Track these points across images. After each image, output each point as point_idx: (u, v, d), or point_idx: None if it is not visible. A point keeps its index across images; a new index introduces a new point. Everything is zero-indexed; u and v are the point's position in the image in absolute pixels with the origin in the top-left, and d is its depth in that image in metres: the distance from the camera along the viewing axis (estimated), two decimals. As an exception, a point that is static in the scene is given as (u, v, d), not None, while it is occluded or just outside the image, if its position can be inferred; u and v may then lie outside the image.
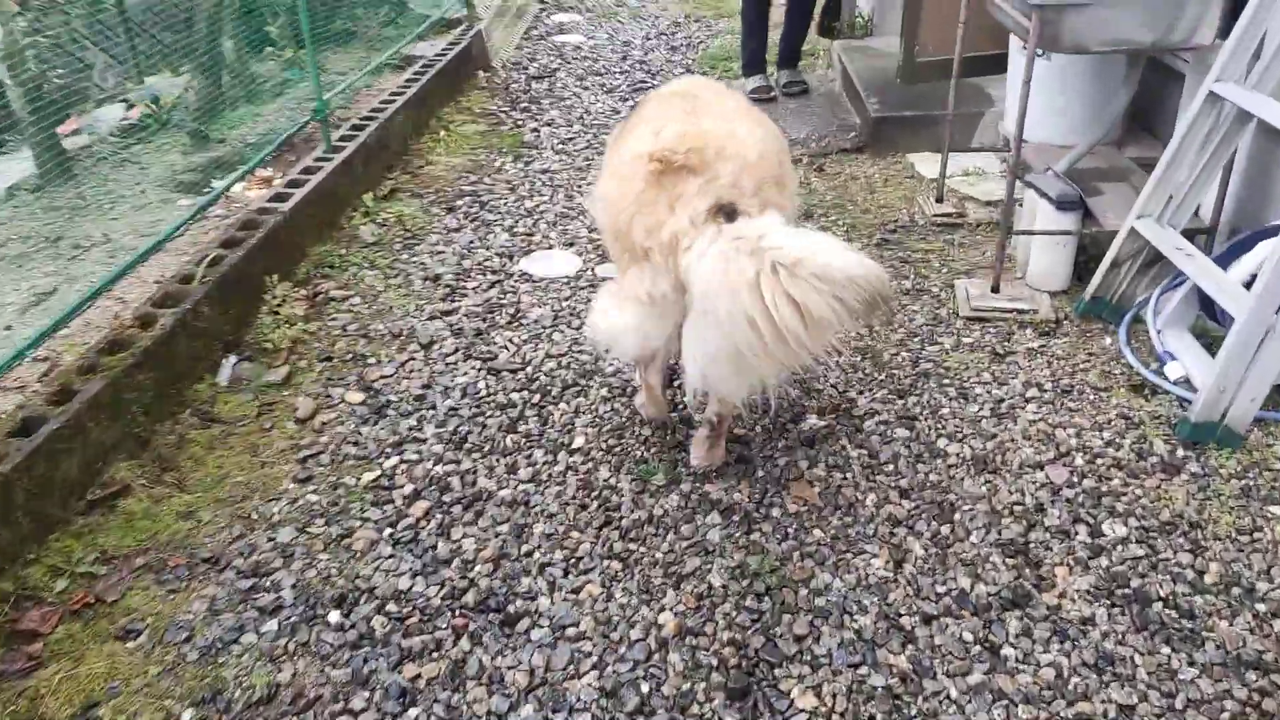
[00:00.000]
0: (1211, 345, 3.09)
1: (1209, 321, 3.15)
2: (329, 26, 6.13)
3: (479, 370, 3.18)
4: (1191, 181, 3.05)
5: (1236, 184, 3.21)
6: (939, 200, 4.14)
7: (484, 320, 3.47)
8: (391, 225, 4.12)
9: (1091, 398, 2.97)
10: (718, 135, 2.33)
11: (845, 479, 2.69)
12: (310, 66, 4.09)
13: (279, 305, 3.40)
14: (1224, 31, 3.09)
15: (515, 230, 4.12)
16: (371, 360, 3.23)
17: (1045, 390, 3.01)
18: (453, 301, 3.58)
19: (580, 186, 4.53)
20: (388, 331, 3.39)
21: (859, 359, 3.21)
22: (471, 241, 4.02)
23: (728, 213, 2.21)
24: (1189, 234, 3.13)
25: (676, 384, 3.03)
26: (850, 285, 2.10)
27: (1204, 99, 2.93)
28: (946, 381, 3.08)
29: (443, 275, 3.75)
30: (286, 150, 4.54)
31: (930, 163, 4.58)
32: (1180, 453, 2.73)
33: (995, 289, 3.47)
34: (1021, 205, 3.65)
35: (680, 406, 2.98)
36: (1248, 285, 2.79)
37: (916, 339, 3.31)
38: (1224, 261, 2.97)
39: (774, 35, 5.51)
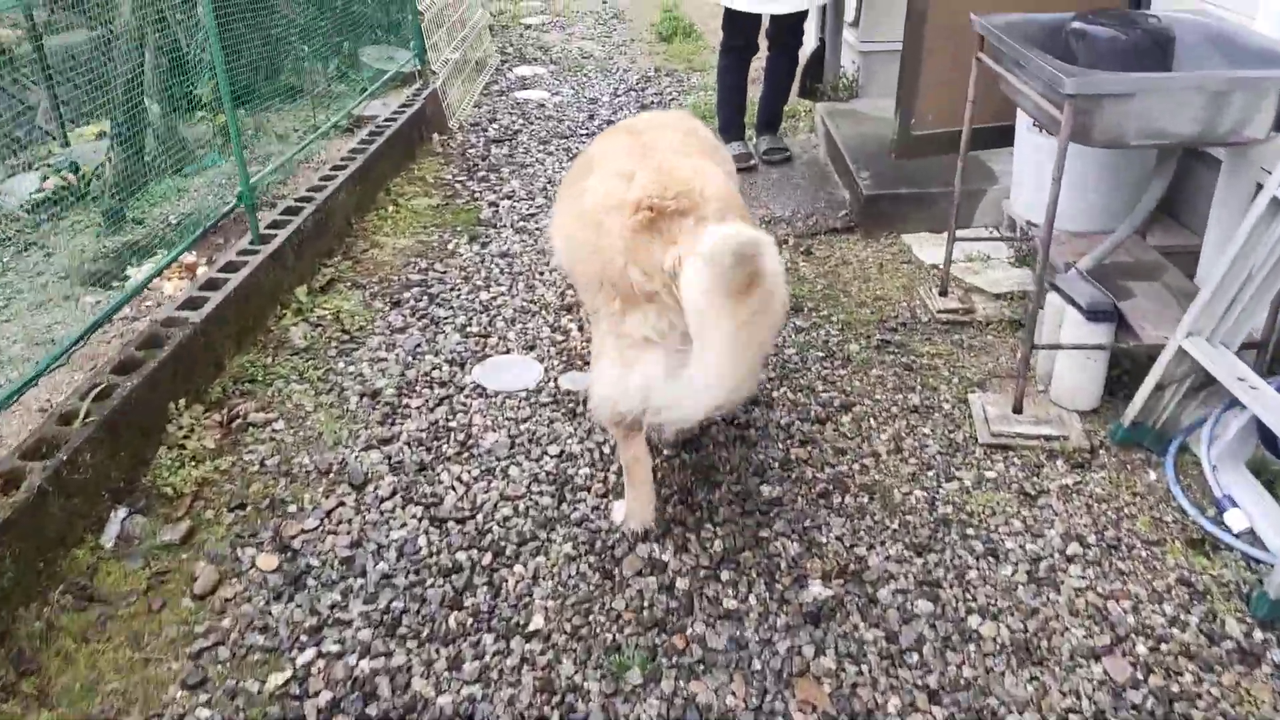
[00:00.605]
0: (1274, 484, 2.67)
1: (1269, 453, 2.72)
2: (273, 83, 5.66)
3: (420, 520, 2.69)
4: (1250, 297, 2.63)
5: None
6: (943, 293, 3.71)
7: (428, 450, 2.97)
8: (327, 325, 3.62)
9: (1144, 555, 2.52)
10: (695, 174, 2.39)
11: (860, 673, 2.22)
12: (234, 147, 3.59)
13: (184, 438, 2.89)
14: (1281, 124, 2.69)
15: (468, 330, 3.63)
16: (292, 507, 2.73)
17: (1089, 546, 2.55)
18: (393, 425, 3.08)
19: (542, 272, 4.06)
20: (314, 467, 2.88)
21: (866, 500, 2.75)
22: (418, 345, 3.52)
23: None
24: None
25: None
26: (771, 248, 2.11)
27: (1266, 206, 2.52)
28: (971, 531, 2.62)
29: (383, 390, 3.25)
30: (214, 231, 4.04)
31: (929, 245, 4.15)
32: (1259, 635, 2.28)
33: (1017, 409, 3.02)
34: (1043, 308, 3.22)
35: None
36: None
37: (931, 472, 2.85)
38: (1290, 391, 2.55)
39: (752, 90, 5.10)
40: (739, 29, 4.78)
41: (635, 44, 7.76)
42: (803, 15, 4.74)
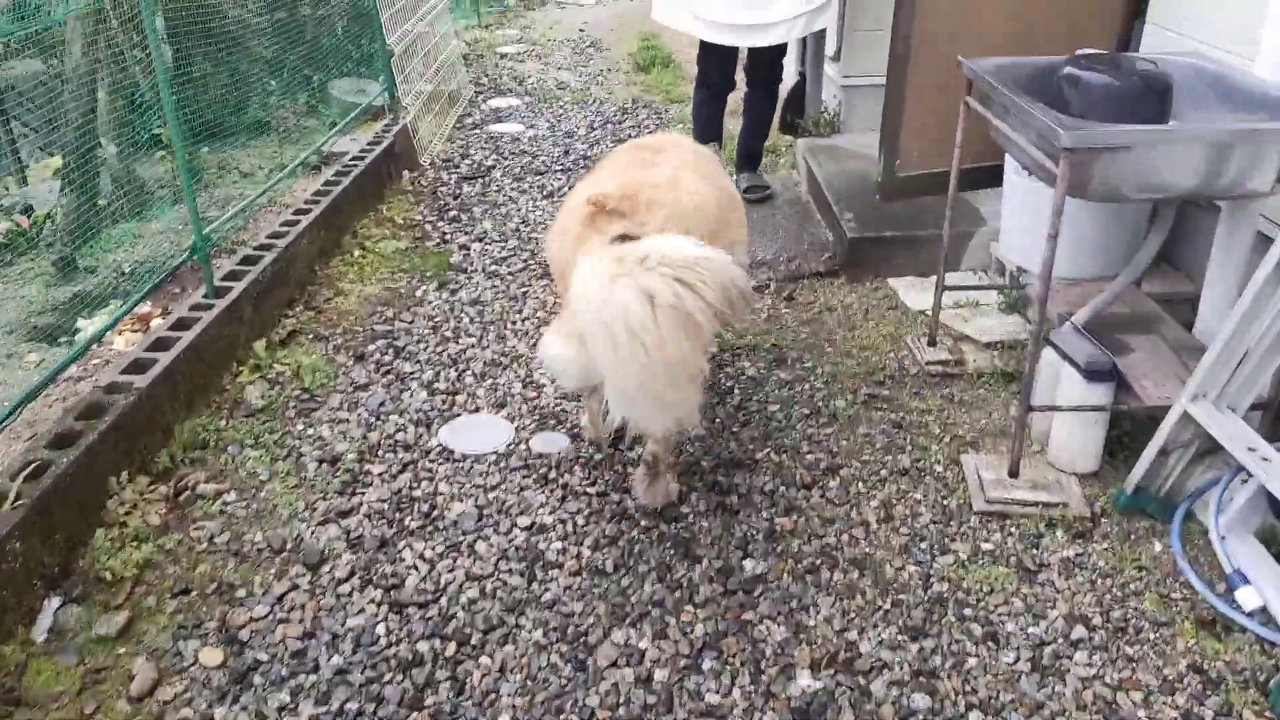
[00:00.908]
0: (1286, 556, 2.53)
1: (1279, 522, 2.58)
2: (239, 118, 5.48)
3: (379, 605, 2.50)
4: (1258, 359, 2.49)
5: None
6: (931, 343, 3.56)
7: (390, 523, 2.79)
8: (287, 382, 3.43)
9: (1153, 638, 2.36)
10: (656, 186, 2.50)
11: (854, 781, 2.05)
12: (187, 196, 3.41)
13: (126, 515, 2.70)
14: (1288, 177, 2.56)
15: (436, 386, 3.45)
16: (241, 592, 2.53)
17: (1094, 629, 2.39)
18: (353, 495, 2.90)
19: (514, 321, 3.89)
20: (266, 545, 2.69)
21: (856, 575, 2.58)
22: (382, 403, 3.34)
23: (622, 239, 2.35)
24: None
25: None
26: (694, 268, 2.13)
27: (1275, 266, 2.38)
28: (969, 612, 2.46)
29: (343, 455, 3.07)
30: (172, 279, 3.85)
31: (915, 290, 4.01)
32: (1280, 731, 2.13)
33: (1013, 473, 2.87)
34: (1038, 362, 3.07)
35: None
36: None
37: (924, 543, 2.69)
38: (1302, 460, 2.40)
39: (732, 125, 4.96)
40: (714, 62, 4.64)
41: (612, 74, 7.63)
42: (781, 49, 4.60)
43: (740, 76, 4.79)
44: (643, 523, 2.78)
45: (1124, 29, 3.76)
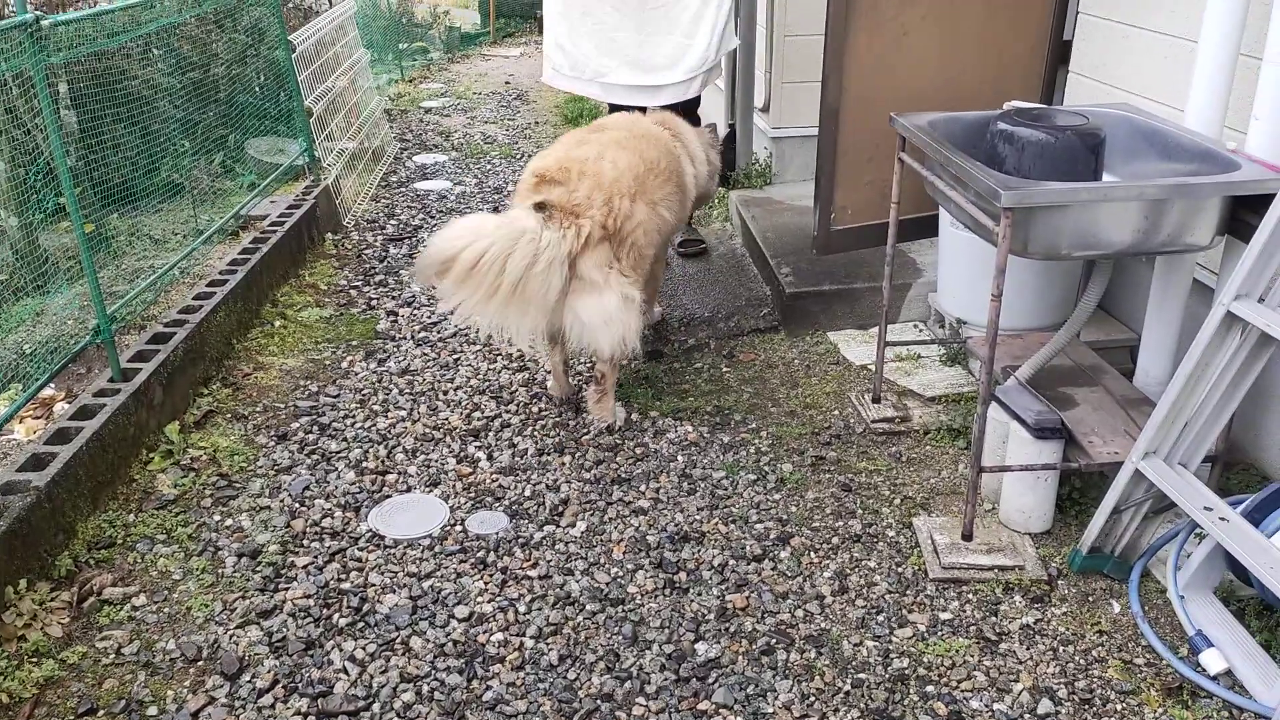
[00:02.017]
0: (1245, 612, 2.48)
1: (1236, 578, 2.53)
2: (151, 181, 5.26)
3: (306, 716, 2.30)
4: (1207, 415, 2.45)
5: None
6: (876, 400, 3.49)
7: (317, 622, 2.60)
8: (202, 468, 3.23)
9: (1119, 709, 2.28)
10: (585, 160, 3.22)
11: None
12: (87, 272, 3.20)
13: (25, 628, 2.47)
14: (1226, 228, 2.55)
15: (364, 465, 3.27)
16: (152, 709, 2.32)
17: (1060, 700, 2.31)
18: (275, 592, 2.70)
19: (446, 391, 3.73)
20: (180, 654, 2.48)
21: (814, 654, 2.46)
22: (307, 487, 3.15)
23: (537, 205, 3.07)
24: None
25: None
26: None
27: (1220, 320, 2.35)
28: (931, 689, 2.35)
29: (265, 547, 2.87)
30: (76, 360, 3.62)
31: (856, 344, 3.96)
32: (1257, 807, 2.05)
33: (967, 535, 2.79)
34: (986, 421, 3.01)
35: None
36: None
37: (881, 616, 2.59)
38: (1254, 519, 2.36)
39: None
40: None
41: (540, 127, 7.56)
42: (691, 104, 4.56)
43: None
44: (589, 607, 2.64)
45: (1049, 78, 3.79)
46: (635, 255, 3.22)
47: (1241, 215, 2.52)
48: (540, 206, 3.04)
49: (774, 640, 2.52)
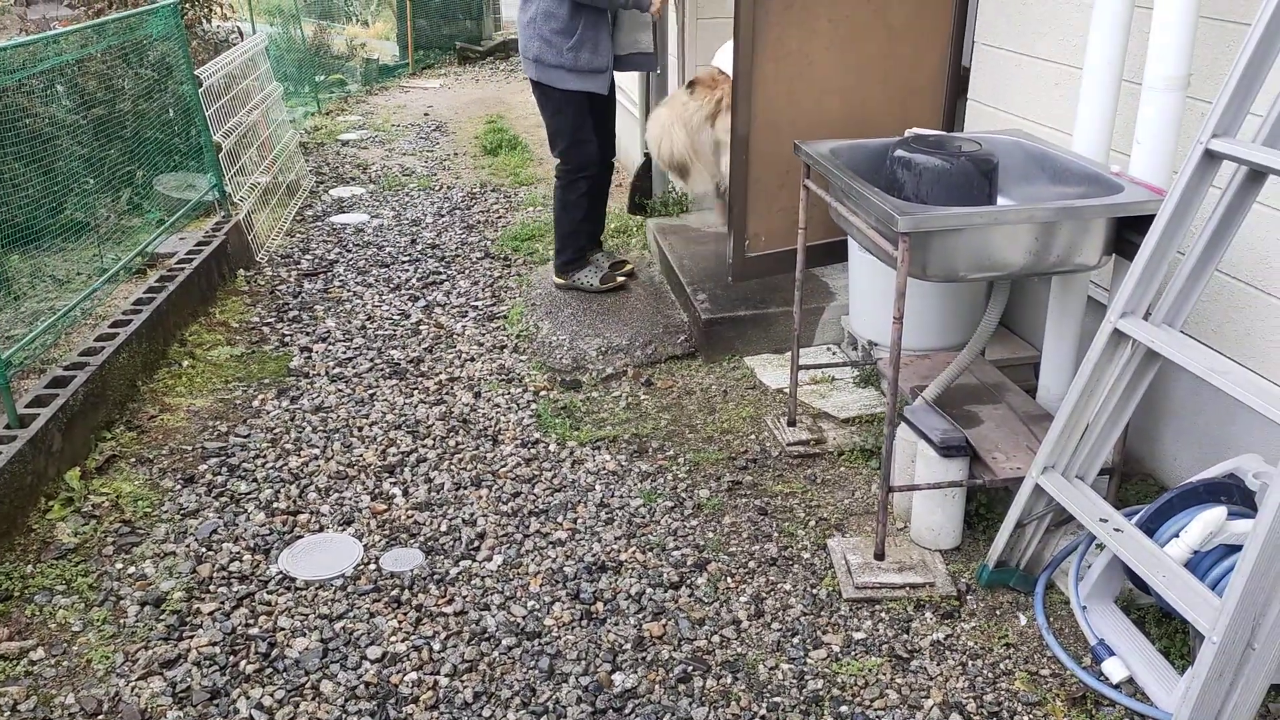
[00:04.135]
0: (1145, 621, 2.55)
1: (1135, 587, 2.61)
2: (55, 219, 5.11)
3: (210, 768, 2.24)
4: (1101, 428, 2.53)
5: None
6: (791, 423, 3.53)
7: (223, 670, 2.52)
8: (104, 515, 3.13)
9: (1027, 721, 2.33)
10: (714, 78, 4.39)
11: None
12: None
13: (-92, 690, 2.36)
14: (1113, 248, 2.65)
15: (275, 506, 3.20)
16: (47, 770, 2.23)
17: (969, 715, 2.34)
18: (180, 640, 2.62)
19: (361, 427, 3.68)
20: (79, 709, 2.39)
21: (730, 680, 2.47)
22: (214, 530, 3.07)
23: (689, 83, 4.51)
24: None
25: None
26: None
27: (1108, 337, 2.43)
28: (845, 710, 2.37)
29: (169, 594, 2.79)
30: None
31: (772, 368, 4.00)
32: (1158, 811, 2.10)
33: (879, 555, 2.84)
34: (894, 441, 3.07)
35: None
36: (1189, 566, 2.27)
37: (796, 638, 2.61)
38: (1149, 529, 2.44)
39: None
40: None
41: (459, 158, 7.54)
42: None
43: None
44: (505, 641, 2.61)
45: (949, 106, 3.91)
46: None
47: (1126, 235, 2.62)
48: (691, 84, 4.41)
49: (691, 667, 2.52)
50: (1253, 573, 1.96)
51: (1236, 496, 2.42)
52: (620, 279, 4.66)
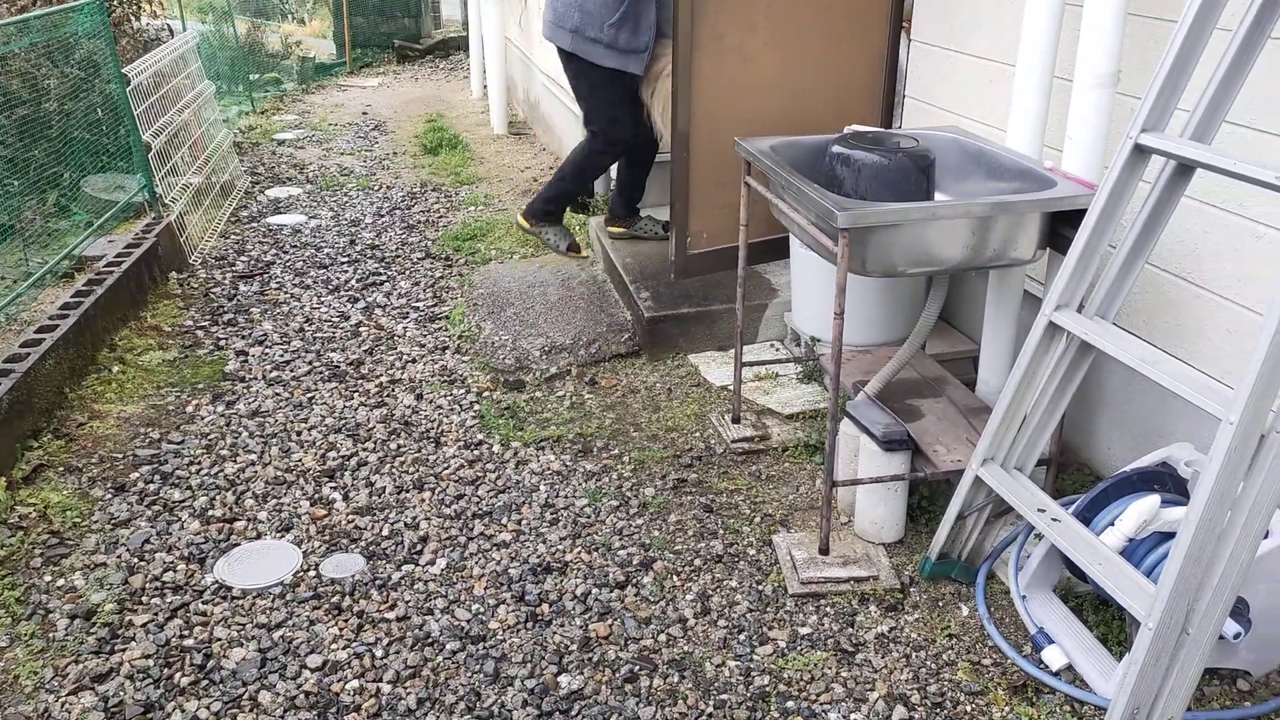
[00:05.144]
0: (1083, 608, 2.60)
1: (1073, 576, 2.65)
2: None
3: (144, 785, 2.17)
4: (1038, 420, 2.57)
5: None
6: (736, 420, 3.54)
7: (157, 683, 2.45)
8: (31, 527, 3.02)
9: (969, 710, 2.35)
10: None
11: None
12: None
13: None
14: (1047, 242, 2.69)
15: (210, 514, 3.13)
16: (-30, 793, 2.15)
17: (914, 706, 2.36)
18: (111, 654, 2.54)
19: (299, 431, 3.60)
20: (3, 728, 2.31)
21: (677, 679, 2.46)
22: (147, 540, 2.99)
23: None
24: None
25: None
26: None
27: (1044, 329, 2.47)
28: (791, 705, 2.38)
29: (100, 606, 2.70)
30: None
31: (716, 365, 4.01)
32: (1098, 795, 2.14)
33: (824, 549, 2.85)
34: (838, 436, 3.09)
35: None
36: (1125, 554, 2.31)
37: (743, 635, 2.61)
38: (1085, 518, 2.48)
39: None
40: None
41: (399, 157, 7.45)
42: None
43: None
44: (449, 646, 2.57)
45: (887, 103, 3.95)
46: None
47: (1060, 230, 2.67)
48: None
49: (638, 667, 2.51)
50: (1186, 559, 2.00)
51: (1169, 484, 2.47)
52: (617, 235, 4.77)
